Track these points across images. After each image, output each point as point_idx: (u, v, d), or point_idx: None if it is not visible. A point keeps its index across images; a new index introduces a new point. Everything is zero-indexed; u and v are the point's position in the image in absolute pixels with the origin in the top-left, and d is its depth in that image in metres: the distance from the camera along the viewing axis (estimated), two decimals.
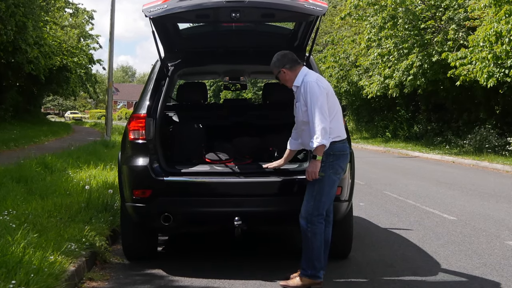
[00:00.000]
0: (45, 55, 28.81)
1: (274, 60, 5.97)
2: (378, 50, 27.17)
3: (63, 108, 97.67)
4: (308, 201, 5.69)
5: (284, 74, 5.92)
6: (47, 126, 35.17)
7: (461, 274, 6.35)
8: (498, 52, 18.05)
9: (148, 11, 5.87)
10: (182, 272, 6.23)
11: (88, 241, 6.52)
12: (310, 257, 5.69)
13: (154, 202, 6.07)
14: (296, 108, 5.92)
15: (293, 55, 5.96)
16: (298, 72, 5.88)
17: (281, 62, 5.91)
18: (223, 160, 6.74)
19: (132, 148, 6.26)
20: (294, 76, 5.88)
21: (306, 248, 5.72)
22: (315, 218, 5.67)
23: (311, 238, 5.67)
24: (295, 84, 5.86)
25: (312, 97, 5.64)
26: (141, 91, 6.69)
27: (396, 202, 11.39)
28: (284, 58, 5.92)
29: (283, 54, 5.96)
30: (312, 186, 5.68)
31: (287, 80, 5.95)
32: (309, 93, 5.66)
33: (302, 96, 5.74)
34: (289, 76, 5.91)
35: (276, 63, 5.95)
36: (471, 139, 24.21)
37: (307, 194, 5.72)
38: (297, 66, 5.90)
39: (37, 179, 10.46)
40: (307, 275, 5.69)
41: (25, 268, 5.07)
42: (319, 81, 5.77)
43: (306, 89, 5.69)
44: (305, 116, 5.72)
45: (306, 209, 5.68)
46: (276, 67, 5.94)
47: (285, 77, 5.94)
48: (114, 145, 20.84)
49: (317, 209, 5.68)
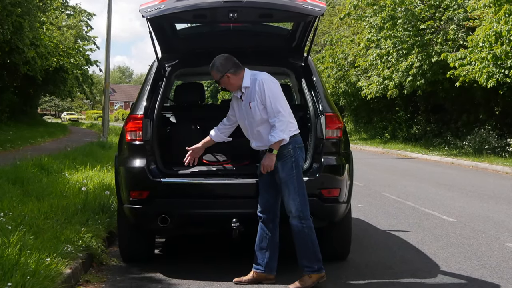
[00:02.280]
0: (41, 55, 28.74)
1: (216, 64, 5.87)
2: (377, 50, 27.14)
3: (59, 109, 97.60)
4: (294, 199, 5.70)
5: (228, 78, 5.86)
6: (43, 127, 35.14)
7: (460, 276, 6.31)
8: (497, 52, 18.02)
9: (145, 11, 5.85)
10: (179, 275, 6.19)
11: (85, 243, 6.49)
12: (313, 252, 5.71)
13: (151, 203, 6.04)
14: (248, 110, 5.85)
15: (235, 59, 5.91)
16: (242, 75, 5.87)
17: (224, 67, 5.84)
18: (220, 161, 6.71)
19: (129, 149, 6.23)
20: (238, 80, 5.87)
21: (305, 246, 5.71)
22: (307, 213, 5.72)
23: (309, 233, 5.70)
24: (244, 85, 5.85)
25: (270, 93, 5.71)
26: (138, 92, 6.66)
27: (395, 203, 11.35)
28: (228, 62, 5.86)
29: (226, 58, 5.89)
30: (291, 183, 5.70)
31: (231, 84, 5.90)
32: (266, 90, 5.71)
33: (257, 94, 5.74)
34: (233, 80, 5.87)
35: (219, 67, 5.85)
36: (470, 140, 24.19)
37: (289, 193, 5.71)
38: (240, 70, 5.88)
39: (33, 180, 10.41)
40: (314, 271, 5.70)
41: (21, 270, 5.03)
42: (272, 78, 5.84)
43: (262, 87, 5.73)
44: (264, 113, 5.75)
45: (296, 207, 5.70)
46: (220, 71, 5.85)
47: (229, 81, 5.88)
48: (111, 146, 20.79)
49: (305, 204, 5.73)
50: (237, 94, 5.95)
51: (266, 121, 5.76)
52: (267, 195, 5.89)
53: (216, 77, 5.93)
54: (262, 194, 5.92)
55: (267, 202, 5.89)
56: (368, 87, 29.88)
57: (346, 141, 6.45)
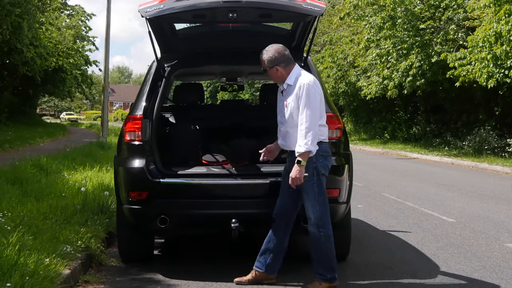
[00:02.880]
0: (40, 56, 28.69)
1: (269, 55, 5.78)
2: (377, 50, 27.11)
3: (58, 109, 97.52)
4: (314, 207, 5.60)
5: (277, 71, 5.79)
6: (42, 128, 35.11)
7: (460, 277, 6.30)
8: (497, 52, 18.00)
9: (145, 11, 5.84)
10: (178, 275, 6.17)
11: (84, 244, 6.48)
12: (328, 261, 5.63)
13: (150, 204, 6.03)
14: (283, 107, 5.79)
15: (289, 53, 5.84)
16: (291, 70, 5.79)
17: (277, 60, 5.76)
18: (220, 161, 6.70)
19: (128, 150, 6.22)
20: (286, 74, 5.78)
21: (320, 254, 5.64)
22: (326, 221, 5.62)
23: (326, 242, 5.61)
24: (288, 82, 5.76)
25: (308, 100, 5.56)
26: (137, 92, 6.64)
27: (395, 204, 11.34)
28: (282, 55, 5.77)
29: (280, 51, 5.78)
30: (311, 190, 5.60)
31: (277, 77, 5.82)
32: (306, 96, 5.58)
33: (296, 96, 5.64)
34: (281, 74, 5.79)
35: (271, 59, 5.77)
36: (470, 141, 24.18)
37: (309, 200, 5.62)
38: (291, 64, 5.80)
39: (32, 180, 10.39)
40: (327, 280, 5.63)
41: (20, 270, 5.02)
42: (316, 85, 5.69)
43: (302, 91, 5.60)
44: (295, 116, 5.64)
45: (315, 215, 5.60)
46: (271, 63, 5.78)
47: (276, 74, 5.80)
48: (110, 147, 20.76)
49: (325, 212, 5.63)
50: (281, 87, 5.87)
51: (294, 125, 5.64)
52: (286, 198, 5.78)
53: (265, 66, 5.83)
54: (281, 197, 5.83)
55: (284, 205, 5.80)
56: (367, 87, 29.87)
57: (345, 142, 6.44)
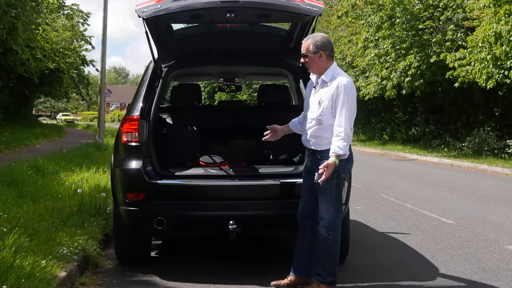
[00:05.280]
0: (36, 58, 28.61)
1: (317, 39, 5.58)
2: (375, 50, 27.09)
3: (54, 110, 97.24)
4: (328, 209, 5.51)
5: (320, 58, 5.57)
6: (38, 129, 34.96)
7: (459, 279, 6.28)
8: (497, 53, 17.95)
9: (141, 11, 5.81)
10: (176, 277, 6.14)
11: (80, 245, 6.44)
12: (331, 264, 5.56)
13: (147, 205, 6.00)
14: (315, 103, 5.64)
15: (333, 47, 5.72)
16: (330, 65, 5.62)
17: (324, 45, 5.57)
18: (217, 163, 6.67)
19: (125, 151, 6.18)
20: (324, 66, 5.59)
21: (324, 256, 5.56)
22: (337, 225, 5.55)
23: (332, 245, 5.53)
24: (323, 78, 5.59)
25: (347, 101, 5.43)
26: (134, 93, 6.61)
27: (394, 205, 11.31)
28: (329, 44, 5.61)
29: (329, 40, 5.63)
30: (329, 192, 5.50)
31: (316, 65, 5.60)
32: (345, 96, 5.43)
33: (333, 97, 5.48)
34: (322, 63, 5.59)
35: (318, 43, 5.56)
36: (469, 142, 24.16)
37: (325, 201, 5.53)
38: (332, 59, 5.66)
39: (28, 182, 10.35)
40: (326, 283, 5.56)
41: (16, 272, 5.00)
42: (352, 86, 5.55)
43: (340, 90, 5.44)
44: (328, 118, 5.51)
45: (328, 218, 5.51)
46: (317, 47, 5.56)
47: (317, 61, 5.58)
48: (107, 148, 20.75)
49: (338, 216, 5.56)
50: (313, 79, 5.73)
51: (325, 125, 5.53)
52: (308, 200, 5.70)
53: (308, 51, 5.58)
54: (303, 199, 5.76)
55: (306, 207, 5.72)
56: (366, 88, 29.82)
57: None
